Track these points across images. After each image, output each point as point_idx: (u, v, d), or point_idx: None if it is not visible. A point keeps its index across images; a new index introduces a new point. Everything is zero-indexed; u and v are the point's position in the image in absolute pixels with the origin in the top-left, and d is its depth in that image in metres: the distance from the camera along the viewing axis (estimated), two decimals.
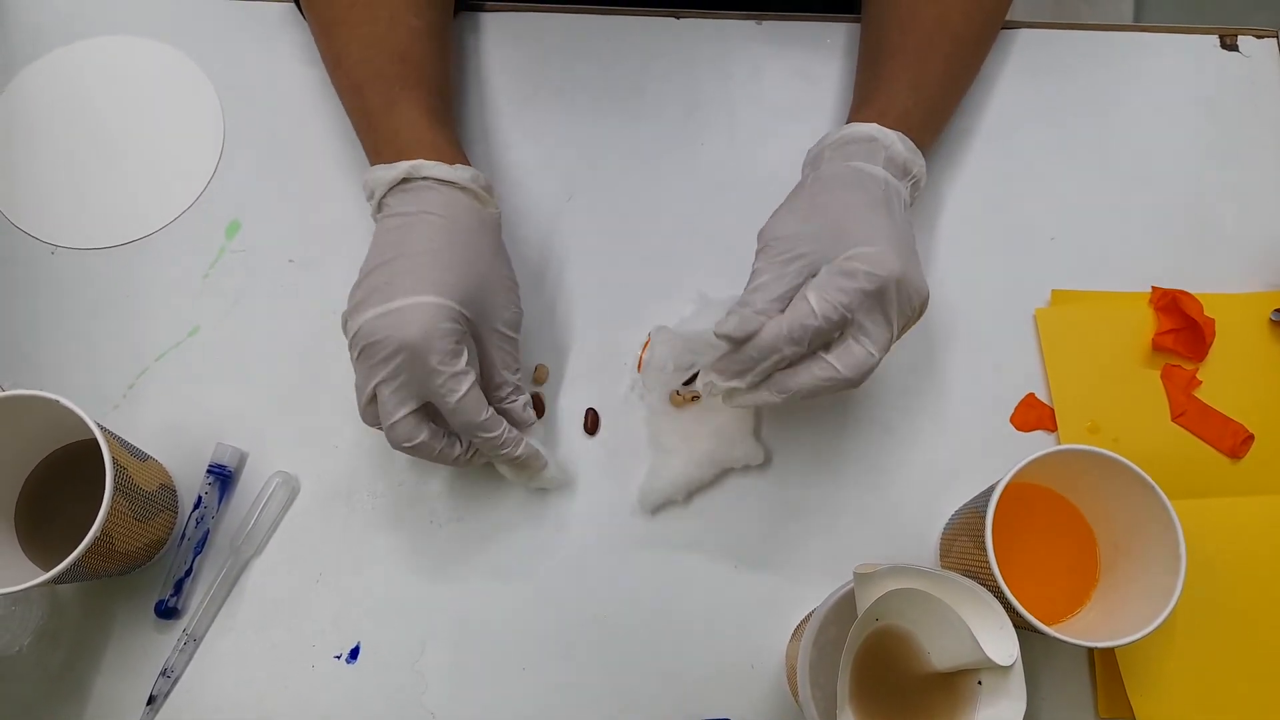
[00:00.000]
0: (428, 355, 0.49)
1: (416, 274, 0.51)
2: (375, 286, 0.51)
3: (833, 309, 0.49)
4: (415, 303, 0.50)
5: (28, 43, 0.71)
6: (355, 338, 0.51)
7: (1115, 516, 0.53)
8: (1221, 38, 0.72)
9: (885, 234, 0.51)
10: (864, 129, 0.57)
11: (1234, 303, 0.64)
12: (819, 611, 0.48)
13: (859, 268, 0.49)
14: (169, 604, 0.57)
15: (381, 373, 0.50)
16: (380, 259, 0.53)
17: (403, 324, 0.49)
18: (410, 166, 0.54)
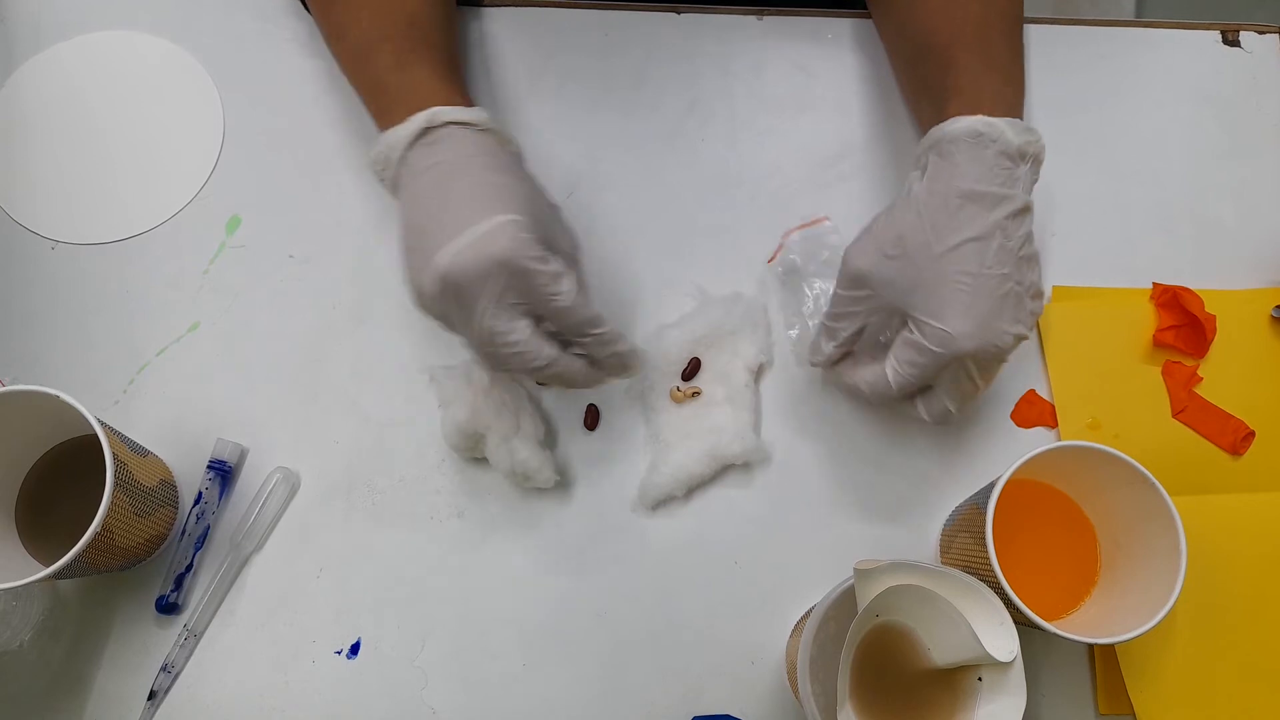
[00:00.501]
0: (525, 262, 0.48)
1: (478, 203, 0.49)
2: (436, 231, 0.49)
3: (907, 380, 0.53)
4: (490, 225, 0.48)
5: (27, 38, 0.71)
6: (442, 285, 0.48)
7: (1116, 513, 0.53)
8: (1223, 33, 0.72)
9: (965, 297, 0.51)
10: (968, 124, 0.53)
11: (1235, 299, 0.64)
12: (819, 608, 0.48)
13: (926, 345, 0.51)
14: (169, 599, 0.57)
15: (483, 302, 0.48)
16: (429, 209, 0.50)
17: (487, 245, 0.48)
18: (428, 115, 0.52)
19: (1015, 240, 0.52)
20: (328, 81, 0.69)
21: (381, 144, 0.54)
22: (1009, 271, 0.51)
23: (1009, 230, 0.52)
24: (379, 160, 0.54)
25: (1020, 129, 0.53)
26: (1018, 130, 0.53)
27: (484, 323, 0.49)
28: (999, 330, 0.51)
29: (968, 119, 0.53)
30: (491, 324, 0.49)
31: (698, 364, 0.61)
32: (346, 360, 0.63)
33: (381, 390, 0.62)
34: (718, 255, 0.64)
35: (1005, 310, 0.51)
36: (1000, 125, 0.53)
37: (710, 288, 0.63)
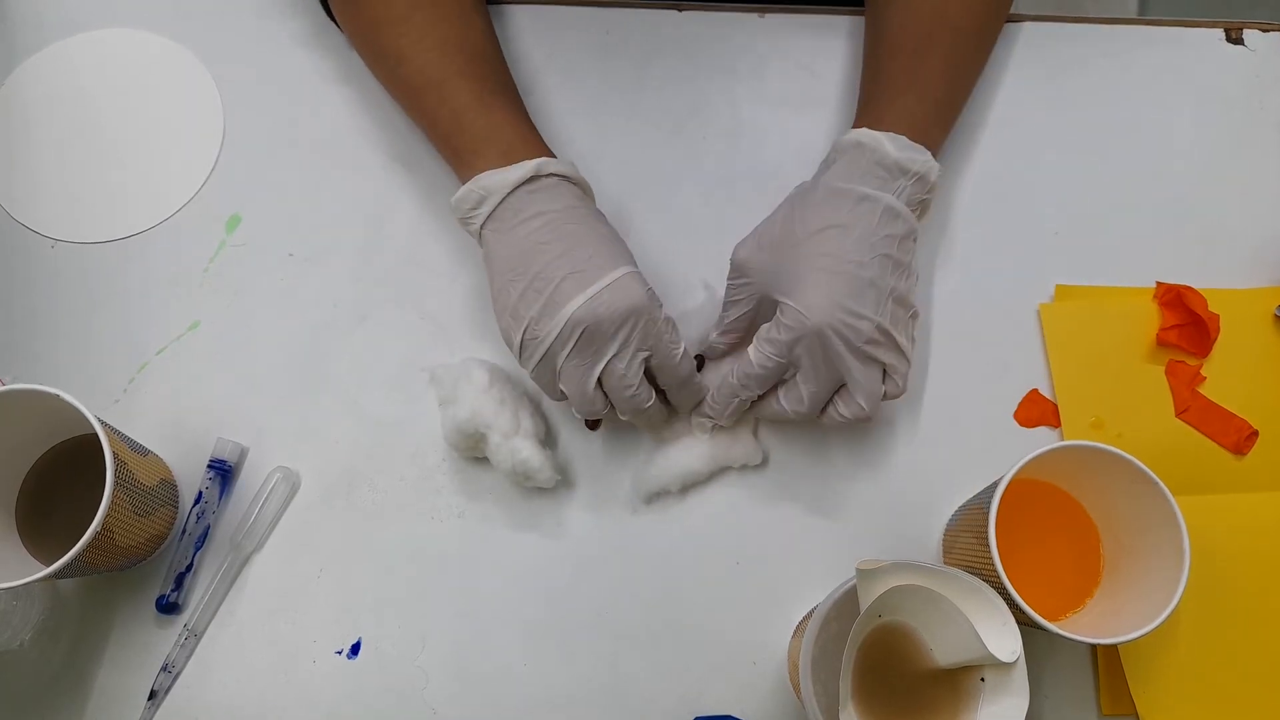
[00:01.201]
0: (655, 312, 0.53)
1: (605, 254, 0.53)
2: (564, 277, 0.52)
3: (767, 358, 0.54)
4: (624, 273, 0.53)
5: (27, 36, 0.71)
6: (568, 328, 0.52)
7: (1119, 513, 0.53)
8: (1226, 31, 0.71)
9: (814, 280, 0.53)
10: (852, 136, 0.57)
11: (1239, 298, 0.64)
12: (821, 608, 0.48)
13: (783, 321, 0.53)
14: (170, 599, 0.57)
15: (613, 347, 0.52)
16: (547, 254, 0.53)
17: (622, 294, 0.52)
18: (537, 164, 0.55)
19: (879, 237, 0.54)
20: (328, 80, 0.69)
21: (478, 185, 0.55)
22: (868, 262, 0.53)
23: (872, 226, 0.54)
24: (470, 199, 0.56)
25: (902, 144, 0.56)
26: (899, 145, 0.56)
27: (616, 366, 0.53)
28: (852, 311, 0.52)
29: (854, 132, 0.57)
30: (618, 364, 0.53)
31: (702, 360, 0.61)
32: (347, 359, 0.63)
33: (382, 389, 0.62)
34: (720, 253, 0.63)
35: (864, 297, 0.53)
36: (880, 138, 0.56)
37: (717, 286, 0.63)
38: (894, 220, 0.54)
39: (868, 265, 0.53)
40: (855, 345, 0.52)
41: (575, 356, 0.53)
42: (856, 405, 0.54)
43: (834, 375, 0.53)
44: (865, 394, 0.54)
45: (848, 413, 0.54)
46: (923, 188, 0.56)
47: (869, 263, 0.53)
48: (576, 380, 0.53)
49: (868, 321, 0.52)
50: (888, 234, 0.54)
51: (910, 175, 0.55)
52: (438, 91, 0.59)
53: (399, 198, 0.66)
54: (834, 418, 0.55)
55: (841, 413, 0.55)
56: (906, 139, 0.56)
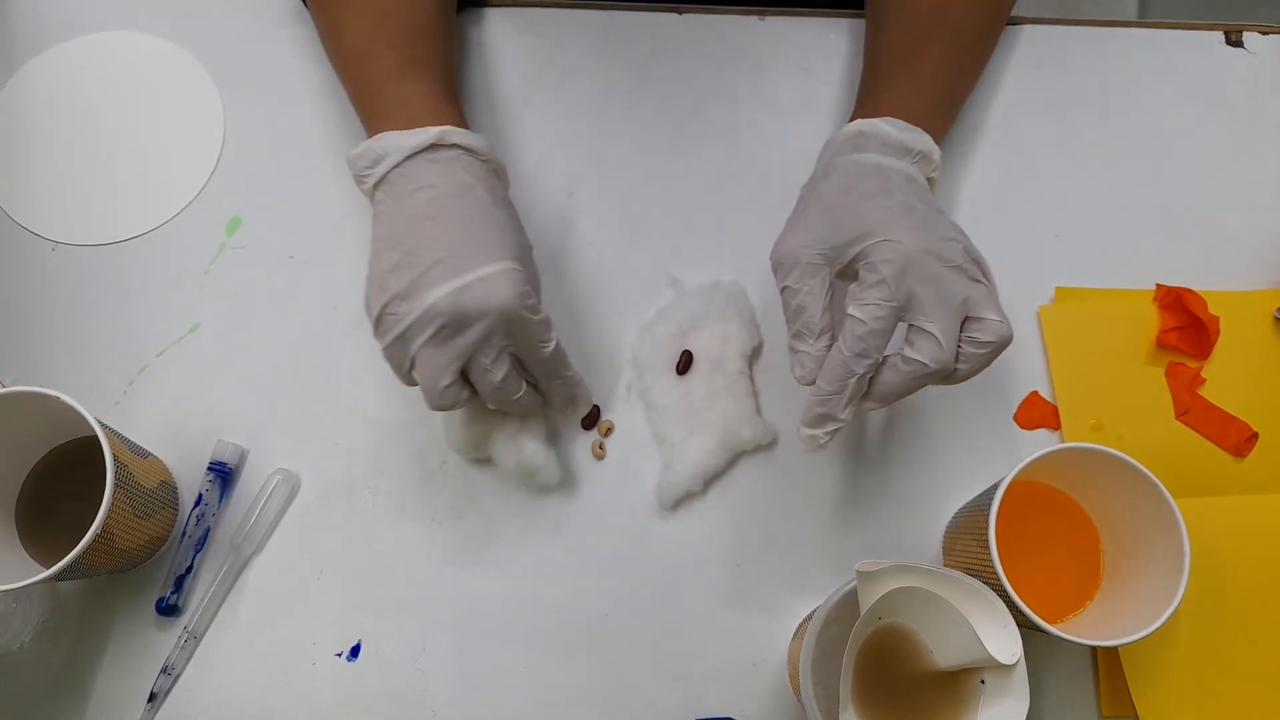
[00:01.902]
0: (523, 314, 0.50)
1: (486, 244, 0.51)
2: (435, 260, 0.50)
3: (878, 307, 0.48)
4: (499, 269, 0.50)
5: (28, 38, 0.71)
6: (427, 315, 0.49)
7: (1119, 515, 0.53)
8: (1226, 34, 0.71)
9: (886, 213, 0.50)
10: (850, 128, 0.56)
11: (1238, 300, 0.64)
12: (821, 610, 0.48)
13: (877, 261, 0.48)
14: (170, 601, 0.57)
15: (475, 344, 0.50)
16: (426, 231, 0.51)
17: (493, 292, 0.49)
18: (440, 132, 0.53)
19: (914, 190, 0.53)
20: (329, 83, 0.69)
21: (377, 144, 0.54)
22: (918, 204, 0.52)
23: (902, 183, 0.53)
24: (367, 157, 0.54)
25: (902, 127, 0.55)
26: (898, 128, 0.55)
27: (481, 360, 0.51)
28: (941, 235, 0.49)
29: (852, 124, 0.56)
30: (482, 359, 0.51)
31: (690, 356, 0.61)
32: (347, 361, 0.63)
33: (382, 391, 0.62)
34: (720, 256, 0.64)
35: (939, 224, 0.51)
36: (878, 124, 0.55)
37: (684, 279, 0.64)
38: (914, 180, 0.54)
39: (918, 205, 0.52)
40: (958, 264, 0.49)
41: (432, 346, 0.50)
42: (991, 322, 0.48)
43: (955, 304, 0.48)
44: (992, 307, 0.49)
45: (988, 335, 0.48)
46: (928, 165, 0.56)
47: (919, 204, 0.52)
48: (431, 371, 0.50)
49: (957, 242, 0.50)
50: (918, 188, 0.54)
51: (914, 153, 0.55)
52: (364, 63, 0.58)
53: None
54: (975, 355, 0.49)
55: (981, 339, 0.49)
56: (904, 122, 0.56)
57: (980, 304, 0.49)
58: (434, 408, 0.52)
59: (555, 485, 0.59)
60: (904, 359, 0.49)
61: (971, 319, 0.49)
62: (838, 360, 0.49)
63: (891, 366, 0.49)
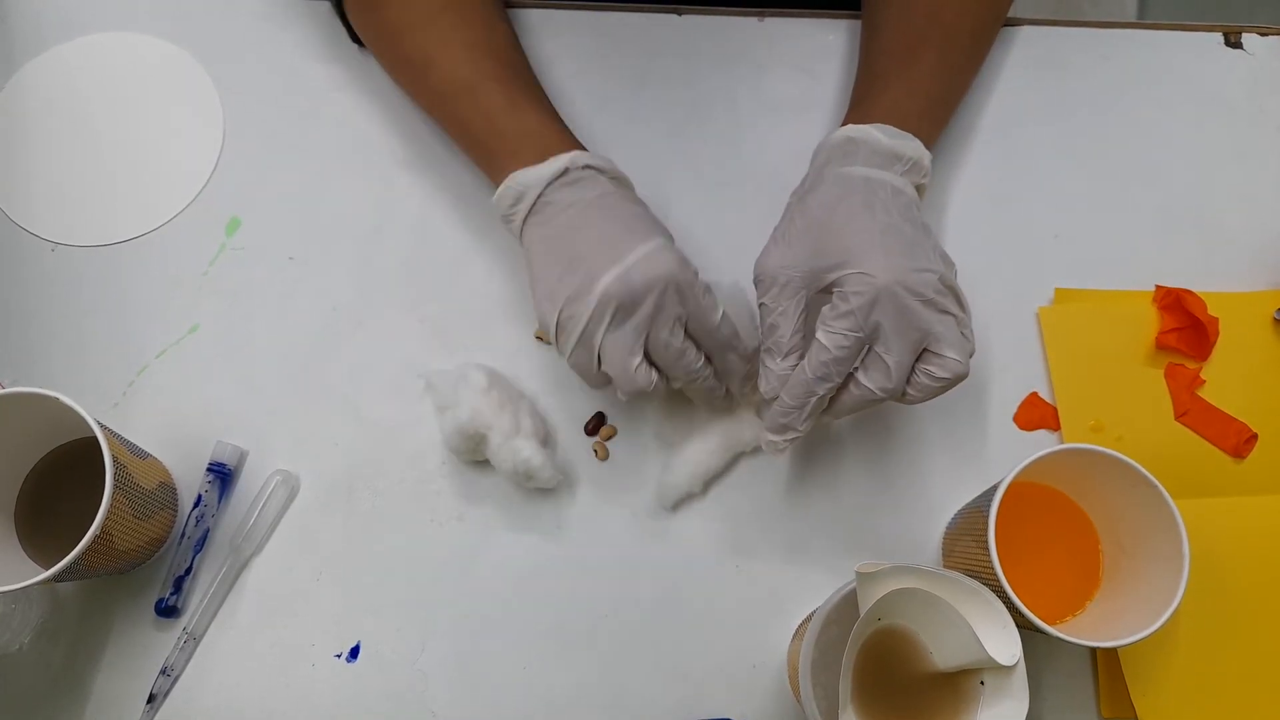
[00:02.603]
0: (688, 277, 0.53)
1: (636, 230, 0.53)
2: (595, 256, 0.52)
3: (843, 336, 0.50)
4: (654, 246, 0.52)
5: (28, 40, 0.71)
6: (603, 302, 0.51)
7: (1118, 516, 0.53)
8: (1225, 35, 0.71)
9: (866, 237, 0.51)
10: (840, 133, 0.57)
11: (1238, 301, 0.64)
12: (821, 611, 0.48)
13: (848, 291, 0.50)
14: (169, 602, 0.57)
15: (652, 316, 0.52)
16: (584, 239, 0.53)
17: (654, 265, 0.52)
18: (570, 158, 0.55)
19: (899, 205, 0.53)
20: (329, 83, 0.69)
21: (515, 183, 0.56)
22: (903, 224, 0.52)
23: (888, 197, 0.53)
24: (508, 197, 0.56)
25: (892, 133, 0.56)
26: (889, 134, 0.55)
27: (659, 334, 0.52)
28: (915, 266, 0.50)
29: (843, 129, 0.57)
30: (661, 333, 0.52)
31: None
32: (346, 363, 0.63)
33: (381, 393, 0.62)
34: (718, 256, 0.64)
35: (917, 251, 0.51)
36: (869, 130, 0.56)
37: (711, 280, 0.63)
38: (902, 194, 0.54)
39: (903, 226, 0.52)
40: (928, 298, 0.50)
41: (614, 331, 0.52)
42: (949, 360, 0.50)
43: (914, 338, 0.50)
44: (954, 347, 0.50)
45: (943, 371, 0.50)
46: (918, 173, 0.56)
47: (903, 224, 0.52)
48: (619, 355, 0.52)
49: (931, 273, 0.51)
50: (906, 202, 0.54)
51: (904, 161, 0.55)
52: (470, 96, 0.59)
53: (399, 202, 0.67)
54: (927, 386, 0.51)
55: (935, 374, 0.50)
56: (894, 128, 0.56)
57: (941, 339, 0.50)
58: (629, 393, 0.53)
59: (552, 487, 0.59)
60: (856, 383, 0.52)
61: (930, 352, 0.51)
62: (801, 380, 0.52)
63: (845, 388, 0.52)
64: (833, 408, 0.53)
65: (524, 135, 0.57)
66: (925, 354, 0.51)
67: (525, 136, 0.57)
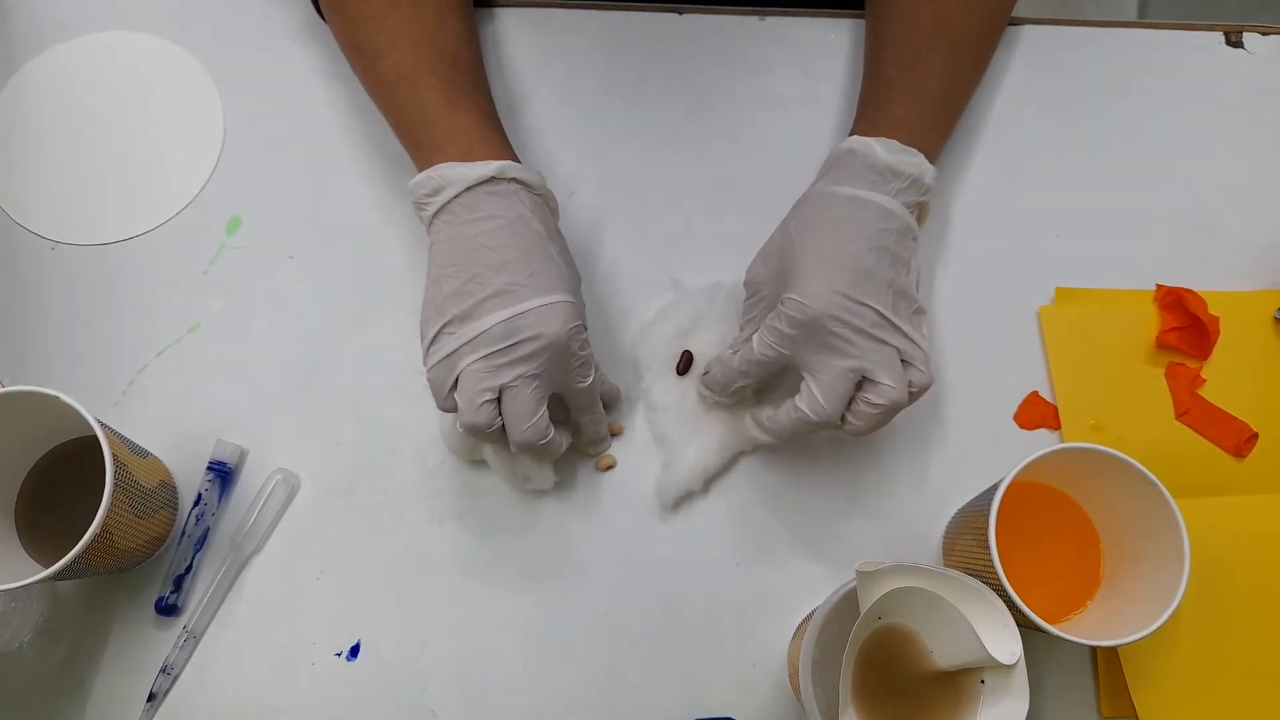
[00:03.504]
0: (571, 345, 0.52)
1: (541, 275, 0.53)
2: (494, 289, 0.52)
3: (768, 348, 0.54)
4: (552, 302, 0.52)
5: (28, 39, 0.71)
6: (482, 337, 0.51)
7: (1119, 515, 0.53)
8: (1226, 35, 0.71)
9: (812, 267, 0.52)
10: (844, 145, 0.57)
11: (1238, 301, 0.64)
12: (821, 610, 0.48)
13: (784, 311, 0.53)
14: (169, 601, 0.57)
15: (521, 368, 0.51)
16: (485, 260, 0.53)
17: (546, 321, 0.51)
18: (500, 167, 0.55)
19: (873, 230, 0.54)
20: (328, 82, 0.69)
21: (437, 174, 0.55)
22: (865, 254, 0.53)
23: (865, 220, 0.54)
24: (427, 186, 0.55)
25: (894, 148, 0.56)
26: (890, 149, 0.56)
27: (521, 390, 0.52)
28: (852, 299, 0.51)
29: (847, 140, 0.58)
30: (523, 389, 0.52)
31: (690, 356, 0.61)
32: (347, 362, 0.63)
33: (382, 392, 0.62)
34: (720, 255, 0.64)
35: (863, 285, 0.52)
36: (871, 144, 0.56)
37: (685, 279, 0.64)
38: (888, 217, 0.54)
39: (864, 256, 0.53)
40: (861, 328, 0.51)
41: (480, 365, 0.51)
42: (884, 387, 0.51)
43: (843, 366, 0.51)
44: (889, 373, 0.51)
45: (879, 399, 0.51)
46: (918, 190, 0.56)
47: (865, 254, 0.53)
48: (473, 389, 0.51)
49: (869, 309, 0.52)
50: (882, 228, 0.54)
51: (903, 178, 0.55)
52: (407, 87, 0.58)
53: (399, 201, 0.66)
54: (866, 414, 0.52)
55: (872, 401, 0.52)
56: (898, 143, 0.56)
57: (877, 368, 0.52)
58: (466, 425, 0.52)
59: (549, 489, 0.59)
60: (793, 406, 0.54)
61: (868, 381, 0.52)
62: (728, 364, 0.56)
63: (784, 410, 0.54)
64: (769, 427, 0.55)
65: (454, 131, 0.57)
66: (864, 382, 0.52)
67: (455, 133, 0.57)
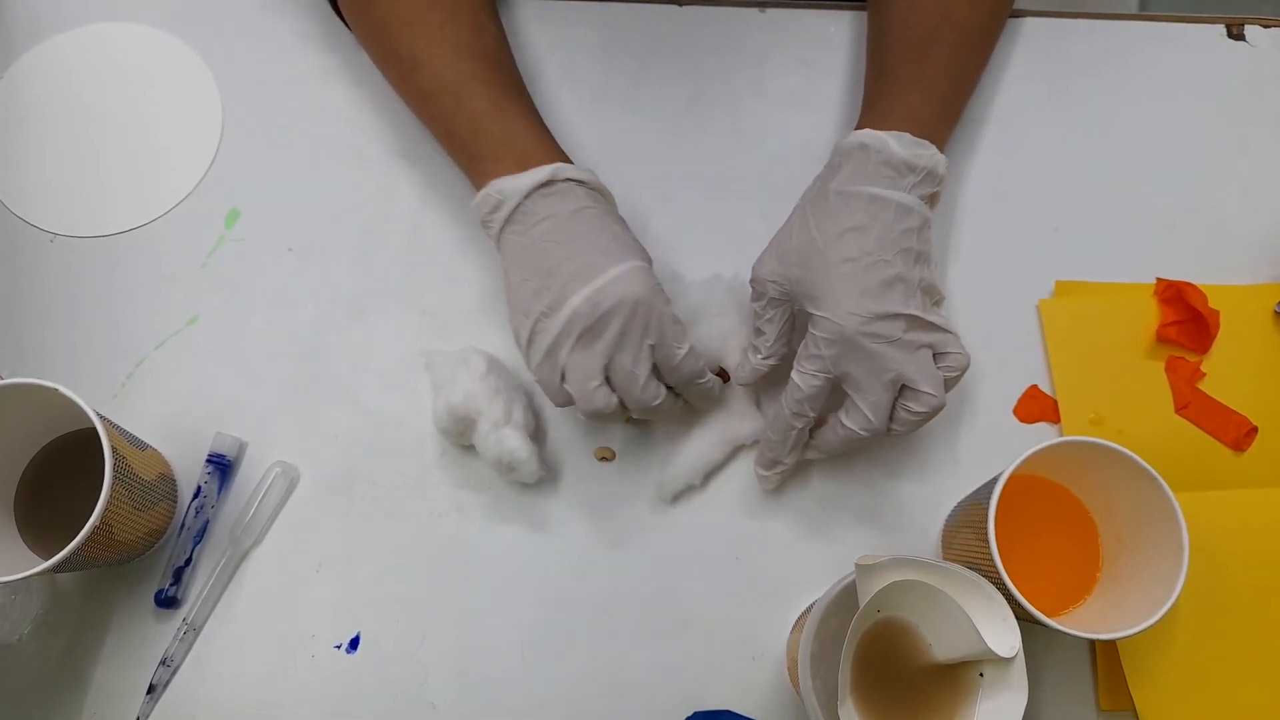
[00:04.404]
0: (660, 305, 0.52)
1: (612, 250, 0.53)
2: (571, 274, 0.52)
3: (813, 377, 0.53)
4: (626, 269, 0.52)
5: (25, 30, 0.71)
6: (571, 320, 0.52)
7: (1118, 509, 0.53)
8: (1228, 27, 0.71)
9: (838, 282, 0.52)
10: (856, 137, 0.57)
11: (1238, 294, 0.63)
12: (820, 603, 0.48)
13: (819, 336, 0.53)
14: (168, 593, 0.57)
15: (617, 340, 0.52)
16: (557, 253, 0.53)
17: (624, 288, 0.52)
18: (552, 170, 0.55)
19: (897, 233, 0.54)
20: (328, 74, 0.69)
21: (495, 190, 0.56)
22: (892, 259, 0.53)
23: (888, 223, 0.54)
24: (488, 204, 0.56)
25: (907, 142, 0.56)
26: (904, 143, 0.55)
27: (622, 360, 0.52)
28: (883, 313, 0.52)
29: (858, 133, 0.57)
30: (623, 358, 0.52)
31: (725, 376, 0.60)
32: (346, 354, 0.63)
33: (381, 384, 0.62)
34: (719, 248, 0.64)
35: (892, 294, 0.52)
36: (885, 138, 0.56)
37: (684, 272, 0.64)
38: (907, 215, 0.54)
39: (892, 263, 0.53)
40: (895, 339, 0.52)
41: (579, 350, 0.52)
42: (925, 395, 0.52)
43: (887, 379, 0.52)
44: (928, 381, 0.52)
45: (920, 406, 0.52)
46: (932, 182, 0.56)
47: (893, 260, 0.53)
48: (581, 375, 0.53)
49: (900, 319, 0.52)
50: (905, 228, 0.54)
51: (918, 171, 0.55)
52: (454, 98, 0.58)
53: (398, 192, 0.66)
54: (908, 420, 0.53)
55: (913, 409, 0.52)
56: (910, 136, 0.56)
57: (916, 376, 0.52)
58: (586, 412, 0.53)
59: (534, 482, 0.59)
60: (841, 424, 0.54)
61: (908, 389, 0.53)
62: (781, 416, 0.55)
63: (831, 427, 0.55)
64: (817, 444, 0.56)
65: (507, 140, 0.57)
66: (904, 390, 0.53)
67: (508, 141, 0.57)
